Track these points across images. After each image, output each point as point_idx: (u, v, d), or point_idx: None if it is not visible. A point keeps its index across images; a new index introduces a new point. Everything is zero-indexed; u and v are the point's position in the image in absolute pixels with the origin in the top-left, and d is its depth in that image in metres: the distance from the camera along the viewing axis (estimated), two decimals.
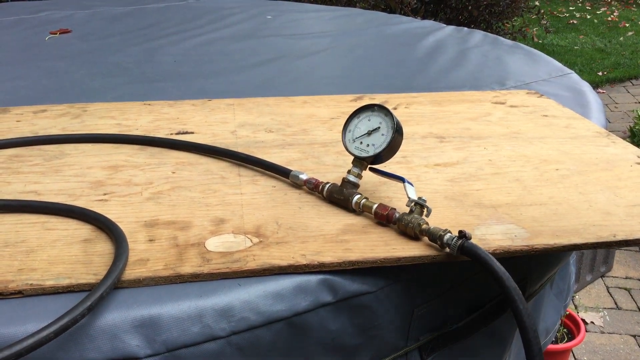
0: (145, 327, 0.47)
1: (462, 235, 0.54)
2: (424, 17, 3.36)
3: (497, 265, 0.50)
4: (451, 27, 1.63)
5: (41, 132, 0.80)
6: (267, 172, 0.69)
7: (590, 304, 1.98)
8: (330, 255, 0.53)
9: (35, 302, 0.48)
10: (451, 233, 0.54)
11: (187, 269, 0.51)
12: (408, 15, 3.17)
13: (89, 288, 0.48)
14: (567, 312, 1.74)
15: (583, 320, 1.83)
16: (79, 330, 0.45)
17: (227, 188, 0.65)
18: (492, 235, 0.57)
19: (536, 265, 0.71)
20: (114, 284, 0.48)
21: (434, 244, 0.55)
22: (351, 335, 0.54)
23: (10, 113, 0.87)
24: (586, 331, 1.80)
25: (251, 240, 0.55)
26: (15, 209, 0.58)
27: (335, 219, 0.59)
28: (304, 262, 0.53)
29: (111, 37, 1.49)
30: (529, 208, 0.62)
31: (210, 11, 1.85)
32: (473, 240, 0.54)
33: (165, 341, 0.47)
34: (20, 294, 0.48)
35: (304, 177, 0.65)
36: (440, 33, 1.56)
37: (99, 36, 1.51)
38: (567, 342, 1.68)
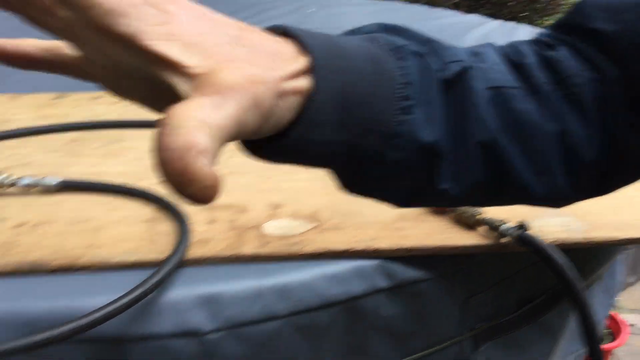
0: (209, 304, 0.48)
1: (521, 226, 0.54)
2: (466, 12, 3.32)
3: (558, 256, 0.49)
4: (496, 22, 1.61)
5: (97, 118, 0.82)
6: None
7: (632, 305, 1.94)
8: (386, 241, 0.54)
9: (103, 277, 0.50)
10: (507, 224, 0.54)
11: (247, 250, 0.52)
12: (449, 9, 3.13)
13: (154, 265, 0.50)
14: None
15: (625, 322, 1.80)
16: (146, 305, 0.47)
17: (282, 174, 0.66)
18: (549, 227, 0.56)
19: (589, 260, 0.70)
20: (179, 262, 0.49)
21: (489, 235, 0.55)
22: (406, 321, 0.54)
23: (68, 99, 0.90)
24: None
25: (308, 225, 0.56)
26: (81, 189, 0.60)
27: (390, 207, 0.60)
28: (360, 247, 0.53)
29: None
30: (587, 201, 0.61)
31: (249, 6, 1.87)
32: (530, 232, 0.54)
33: (227, 318, 0.48)
34: (89, 269, 0.50)
35: None
36: (486, 27, 1.54)
37: None
38: (609, 342, 1.65)
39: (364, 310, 0.52)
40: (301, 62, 0.30)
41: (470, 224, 0.56)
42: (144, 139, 0.76)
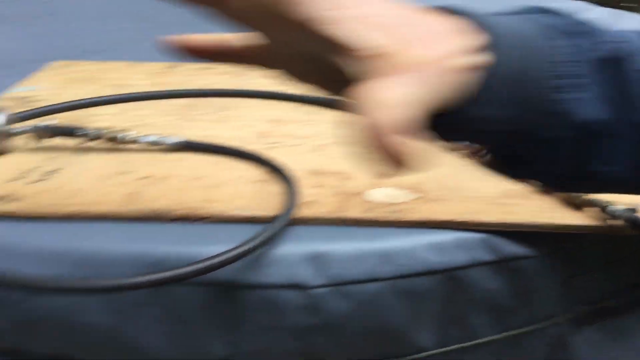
0: (316, 261, 0.50)
1: (632, 208, 0.52)
2: None
3: None
4: (602, 9, 1.54)
5: (208, 87, 0.86)
6: None
7: None
8: (491, 215, 0.54)
9: (219, 229, 0.53)
10: (616, 205, 0.53)
11: (352, 214, 0.54)
12: None
13: (265, 221, 0.53)
14: None
15: None
16: (258, 257, 0.50)
17: None
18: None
19: None
20: (289, 220, 0.52)
21: (597, 216, 0.54)
22: (506, 297, 0.54)
23: (180, 68, 0.95)
24: None
25: (411, 195, 0.57)
26: (198, 150, 0.64)
27: (495, 183, 0.60)
28: (464, 219, 0.54)
29: None
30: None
31: None
32: None
33: (332, 275, 0.50)
34: (206, 219, 0.53)
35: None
36: (591, 14, 1.47)
37: None
38: None
39: (465, 282, 0.53)
40: (479, 38, 0.31)
41: (577, 204, 0.55)
42: (252, 107, 0.80)
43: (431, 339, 0.54)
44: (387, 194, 0.57)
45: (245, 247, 0.48)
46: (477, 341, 0.55)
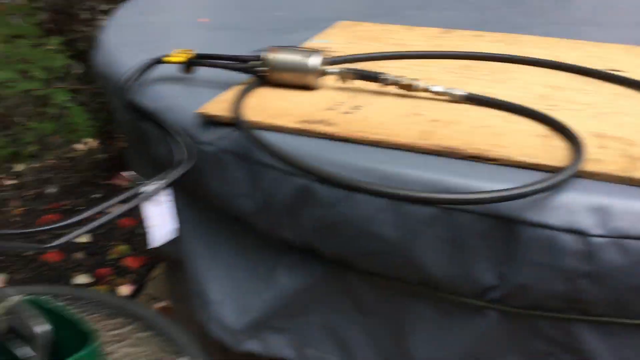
0: (599, 212, 0.53)
1: None
2: None
3: None
4: None
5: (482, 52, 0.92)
6: None
7: None
8: None
9: (505, 171, 0.59)
10: None
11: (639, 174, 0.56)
12: None
13: (551, 170, 0.57)
14: None
15: None
16: (542, 199, 0.54)
17: None
18: None
19: None
20: (575, 172, 0.55)
21: None
22: None
23: (453, 35, 1.02)
24: None
25: None
26: (482, 103, 0.70)
27: None
28: None
29: None
30: None
31: None
32: None
33: (614, 228, 0.53)
34: (495, 161, 0.59)
35: None
36: None
37: None
38: None
39: None
40: None
41: None
42: (526, 73, 0.84)
43: None
44: None
45: (532, 188, 0.53)
46: None
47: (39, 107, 1.58)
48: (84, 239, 1.90)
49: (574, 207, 0.54)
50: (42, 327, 0.52)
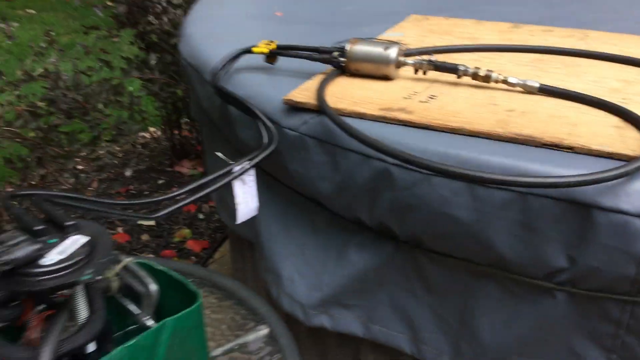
0: None
1: None
2: None
3: None
4: None
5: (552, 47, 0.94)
6: None
7: None
8: None
9: (580, 158, 0.61)
10: None
11: None
12: None
13: (625, 159, 0.60)
14: None
15: None
16: (617, 185, 0.57)
17: None
18: None
19: None
20: None
21: None
22: None
23: (523, 29, 1.04)
24: None
25: None
26: (556, 95, 0.73)
27: None
28: None
29: None
30: None
31: None
32: None
33: None
34: (570, 149, 0.62)
35: None
36: None
37: None
38: None
39: None
40: None
41: None
42: (598, 67, 0.85)
43: None
44: None
45: (608, 174, 0.56)
46: None
47: (114, 95, 1.68)
48: (150, 222, 2.01)
49: None
50: (150, 286, 0.59)
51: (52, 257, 0.48)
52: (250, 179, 0.78)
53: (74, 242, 0.50)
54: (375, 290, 0.83)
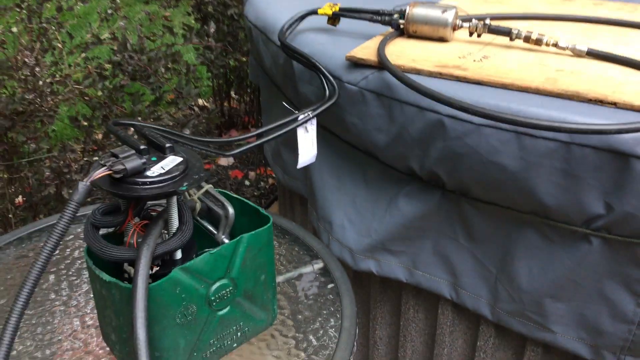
0: None
1: None
2: None
3: None
4: None
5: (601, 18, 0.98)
6: None
7: None
8: None
9: (625, 114, 0.67)
10: None
11: None
12: None
13: None
14: None
15: None
16: None
17: None
18: None
19: None
20: None
21: None
22: None
23: (574, 1, 1.08)
24: None
25: None
26: (603, 58, 0.78)
27: None
28: None
29: None
30: None
31: None
32: None
33: None
34: (614, 105, 0.67)
35: None
36: None
37: None
38: None
39: None
40: None
41: None
42: None
43: None
44: None
45: None
46: None
47: (172, 63, 1.77)
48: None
49: None
50: (229, 209, 0.67)
51: (155, 170, 0.57)
52: (312, 127, 0.85)
53: (172, 161, 0.58)
54: (420, 237, 0.90)
